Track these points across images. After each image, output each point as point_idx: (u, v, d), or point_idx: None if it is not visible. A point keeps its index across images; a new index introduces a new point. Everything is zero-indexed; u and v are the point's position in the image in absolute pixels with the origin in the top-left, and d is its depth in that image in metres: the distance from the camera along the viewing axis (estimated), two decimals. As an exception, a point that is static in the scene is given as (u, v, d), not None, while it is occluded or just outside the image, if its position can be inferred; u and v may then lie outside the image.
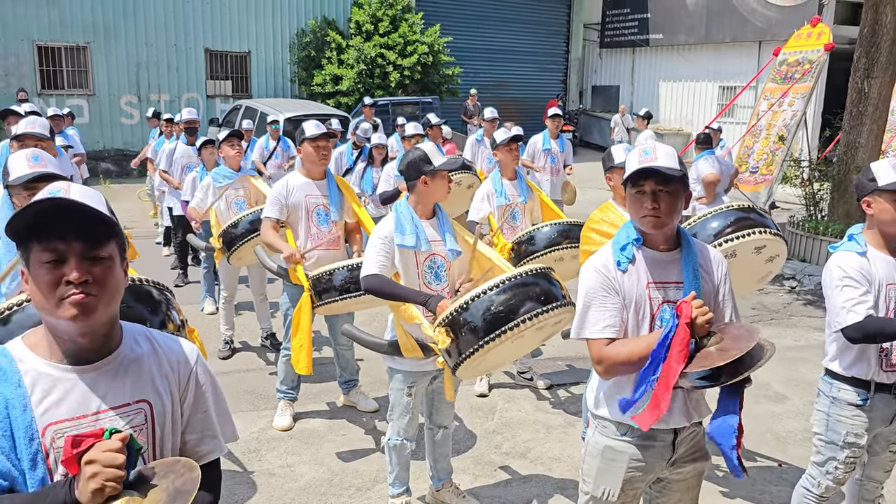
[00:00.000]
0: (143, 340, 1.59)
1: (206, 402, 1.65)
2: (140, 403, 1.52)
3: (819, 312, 7.33)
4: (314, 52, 17.80)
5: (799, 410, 5.01)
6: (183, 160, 7.95)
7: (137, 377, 1.53)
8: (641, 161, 2.23)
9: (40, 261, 1.41)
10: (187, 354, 1.64)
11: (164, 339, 1.64)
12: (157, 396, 1.55)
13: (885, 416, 2.89)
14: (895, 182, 2.71)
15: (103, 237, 1.45)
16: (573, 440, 4.51)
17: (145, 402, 1.53)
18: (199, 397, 1.64)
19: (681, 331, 2.04)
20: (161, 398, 1.56)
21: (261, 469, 4.15)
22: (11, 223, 1.40)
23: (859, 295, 2.72)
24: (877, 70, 8.30)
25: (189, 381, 1.62)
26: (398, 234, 3.24)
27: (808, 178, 9.51)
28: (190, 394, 1.62)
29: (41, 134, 3.60)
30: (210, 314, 6.84)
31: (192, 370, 1.63)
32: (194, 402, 1.63)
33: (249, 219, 5.12)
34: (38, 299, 1.44)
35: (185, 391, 1.61)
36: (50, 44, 15.70)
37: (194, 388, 1.63)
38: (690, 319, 2.06)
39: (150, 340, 1.60)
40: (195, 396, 1.63)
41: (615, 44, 22.89)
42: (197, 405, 1.64)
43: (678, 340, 2.03)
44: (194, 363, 1.64)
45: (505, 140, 4.96)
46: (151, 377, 1.55)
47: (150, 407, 1.53)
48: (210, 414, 1.66)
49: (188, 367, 1.62)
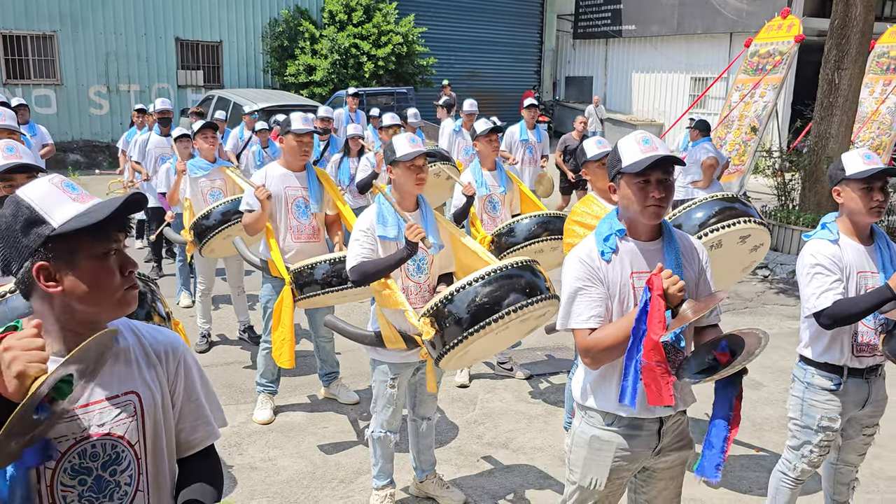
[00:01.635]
0: (128, 333, 1.57)
1: (196, 390, 1.65)
2: (129, 395, 1.51)
3: (792, 301, 7.46)
4: (287, 42, 17.62)
5: (774, 397, 5.10)
6: (157, 151, 7.82)
7: (125, 369, 1.52)
8: (644, 150, 2.24)
9: (94, 254, 1.42)
10: (173, 344, 1.63)
11: (149, 330, 1.63)
12: (146, 387, 1.54)
13: (857, 400, 2.96)
14: (861, 172, 2.77)
15: None
16: (554, 430, 4.55)
17: (133, 394, 1.52)
18: (189, 386, 1.64)
19: (655, 302, 2.06)
20: (150, 389, 1.55)
21: (242, 463, 4.12)
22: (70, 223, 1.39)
23: (830, 282, 2.78)
24: (847, 62, 8.44)
25: (178, 370, 1.61)
26: (380, 225, 3.23)
27: (780, 169, 9.66)
28: (180, 383, 1.62)
29: (13, 126, 3.56)
30: (186, 307, 6.77)
31: (180, 360, 1.62)
32: (184, 391, 1.63)
33: (221, 209, 5.07)
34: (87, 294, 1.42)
35: (175, 381, 1.61)
36: (15, 32, 15.34)
37: (183, 378, 1.63)
38: (663, 291, 2.08)
39: (134, 333, 1.59)
40: (185, 385, 1.63)
41: (588, 35, 22.99)
42: (188, 394, 1.63)
43: (654, 312, 2.05)
44: (181, 353, 1.63)
45: (485, 130, 4.97)
46: (139, 368, 1.54)
47: (138, 398, 1.52)
48: (201, 401, 1.66)
49: (176, 356, 1.62)
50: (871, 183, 2.77)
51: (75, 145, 15.98)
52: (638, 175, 2.22)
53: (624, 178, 2.27)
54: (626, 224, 2.35)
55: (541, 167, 8.51)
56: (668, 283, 2.09)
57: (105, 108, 16.44)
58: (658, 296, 2.07)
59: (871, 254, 2.88)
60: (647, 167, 2.20)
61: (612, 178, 2.34)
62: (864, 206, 2.80)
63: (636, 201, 2.25)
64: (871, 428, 3.10)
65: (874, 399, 3.00)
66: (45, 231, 1.38)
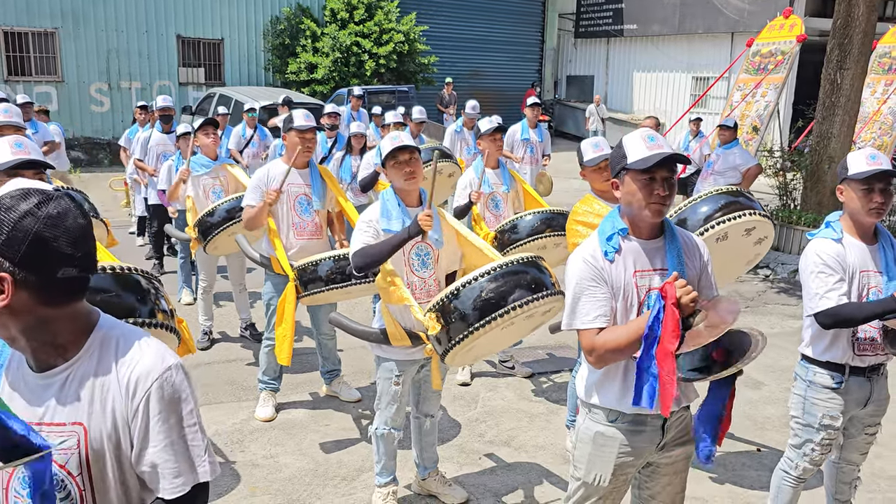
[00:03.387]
0: (106, 352, 1.44)
1: (159, 435, 1.42)
2: (75, 426, 1.41)
3: (793, 300, 7.47)
4: (288, 40, 17.62)
5: (775, 396, 5.11)
6: (158, 148, 7.82)
7: (77, 396, 1.41)
8: (650, 147, 2.24)
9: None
10: (144, 375, 1.42)
11: (131, 351, 1.44)
12: (95, 421, 1.41)
13: (859, 398, 2.96)
14: (862, 172, 2.78)
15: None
16: (556, 428, 4.56)
17: (80, 426, 1.41)
18: (151, 428, 1.42)
19: (669, 312, 2.06)
20: (99, 424, 1.41)
21: (244, 460, 4.13)
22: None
23: (833, 282, 2.79)
24: (849, 62, 8.44)
25: (139, 407, 1.41)
26: (384, 219, 3.23)
27: (781, 168, 9.66)
28: (139, 422, 1.42)
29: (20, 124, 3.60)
30: (187, 305, 6.77)
31: (145, 397, 1.41)
32: (144, 433, 1.42)
33: (226, 207, 5.08)
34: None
35: (135, 418, 1.42)
36: (17, 29, 15.34)
37: (143, 416, 1.42)
38: (676, 300, 2.08)
39: (113, 352, 1.44)
40: (144, 426, 1.42)
41: (590, 34, 22.98)
42: (146, 437, 1.42)
43: (668, 321, 2.05)
44: (147, 388, 1.41)
45: (489, 129, 4.97)
46: (92, 399, 1.41)
47: (84, 431, 1.41)
48: (162, 450, 1.42)
49: (142, 390, 1.41)
50: (872, 184, 2.77)
51: (76, 142, 15.97)
52: (644, 172, 2.22)
53: (629, 175, 2.27)
54: (629, 222, 2.35)
55: (542, 166, 8.51)
56: (681, 293, 2.09)
57: (106, 106, 16.43)
58: (672, 305, 2.07)
59: (874, 253, 2.89)
60: (654, 165, 2.20)
61: (617, 174, 2.33)
62: (864, 207, 2.80)
63: (641, 198, 2.25)
64: (873, 427, 3.10)
65: (876, 398, 3.00)
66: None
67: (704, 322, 2.11)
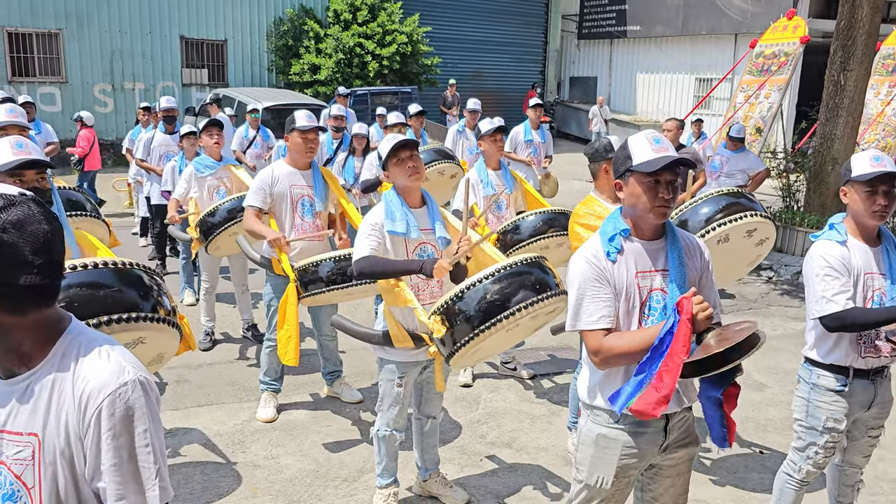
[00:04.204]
0: (67, 361, 1.38)
1: (107, 453, 1.35)
2: (30, 437, 1.37)
3: (796, 302, 7.44)
4: (292, 41, 17.64)
5: (778, 399, 5.09)
6: (161, 149, 7.84)
7: (36, 407, 1.37)
8: (656, 150, 2.24)
9: None
10: (97, 392, 1.34)
11: (90, 363, 1.38)
12: (49, 433, 1.36)
13: (863, 401, 2.95)
14: (865, 174, 2.76)
15: None
16: (557, 429, 4.55)
17: (34, 437, 1.37)
18: (102, 445, 1.34)
19: (683, 326, 2.07)
20: (52, 437, 1.36)
21: (245, 461, 4.13)
22: None
23: (840, 285, 2.78)
24: (853, 63, 8.42)
25: (91, 422, 1.34)
26: (388, 220, 3.23)
27: (785, 170, 9.64)
28: (91, 437, 1.34)
29: (24, 123, 3.62)
30: (190, 305, 6.77)
31: (95, 413, 1.34)
32: (95, 450, 1.35)
33: (227, 207, 5.08)
34: None
35: (87, 433, 1.35)
36: (21, 30, 15.36)
37: (94, 432, 1.34)
38: (692, 315, 2.08)
39: (73, 362, 1.38)
40: (95, 444, 1.34)
41: (593, 35, 22.97)
42: (97, 454, 1.35)
43: (681, 335, 2.07)
44: (98, 405, 1.34)
45: (490, 130, 4.97)
46: (48, 410, 1.36)
47: (39, 443, 1.36)
48: (109, 469, 1.35)
49: (94, 404, 1.34)
50: (875, 186, 2.75)
51: (80, 143, 16.00)
52: (649, 175, 2.23)
53: (634, 177, 2.27)
54: (631, 223, 2.35)
55: (543, 167, 8.49)
56: (697, 309, 2.10)
57: (110, 107, 16.46)
58: (687, 320, 2.08)
59: (878, 255, 2.88)
60: (660, 168, 2.20)
61: (621, 175, 2.32)
62: (867, 209, 2.79)
63: (645, 200, 2.25)
64: (876, 430, 3.09)
65: (880, 401, 2.99)
66: None
67: (716, 338, 2.11)
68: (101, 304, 2.38)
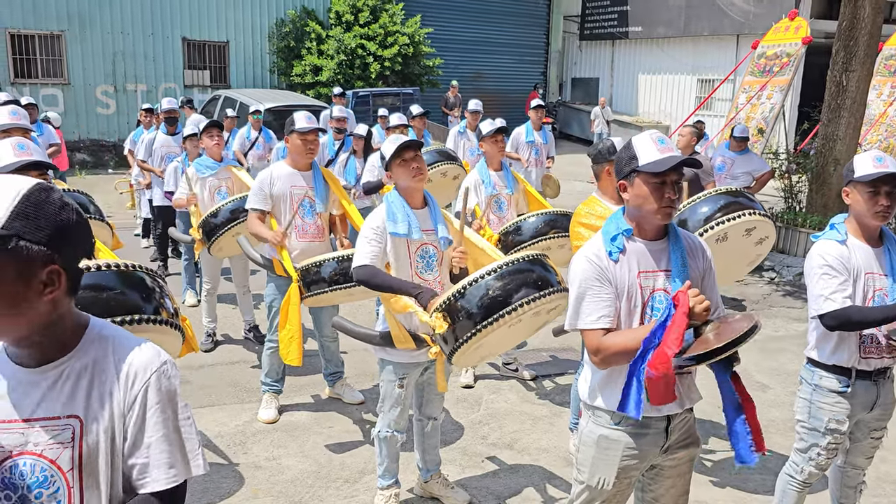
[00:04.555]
0: (101, 345, 1.44)
1: (155, 423, 1.43)
2: (70, 419, 1.39)
3: (798, 303, 7.43)
4: (294, 43, 17.66)
5: (780, 400, 5.08)
6: (163, 150, 7.85)
7: (75, 390, 1.40)
8: (661, 150, 2.24)
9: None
10: (141, 369, 1.43)
11: (127, 344, 1.46)
12: (91, 413, 1.40)
13: (865, 402, 2.94)
14: (867, 175, 2.76)
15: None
16: (559, 431, 4.54)
17: (76, 418, 1.39)
18: (147, 420, 1.43)
19: (678, 319, 2.06)
20: (96, 416, 1.40)
21: (246, 462, 4.12)
22: None
23: (838, 284, 2.77)
24: (855, 63, 8.41)
25: (136, 400, 1.42)
26: (390, 222, 3.23)
27: (787, 171, 9.63)
28: (135, 414, 1.42)
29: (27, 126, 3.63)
30: (192, 307, 6.77)
31: (142, 389, 1.42)
32: (140, 424, 1.42)
33: (230, 207, 5.08)
34: None
35: (131, 411, 1.42)
36: (23, 31, 15.40)
37: (140, 409, 1.42)
38: (688, 309, 2.07)
39: (109, 347, 1.44)
40: (140, 418, 1.42)
41: (595, 36, 22.98)
42: (142, 429, 1.43)
43: (674, 328, 2.05)
44: (145, 381, 1.42)
45: (491, 131, 4.97)
46: (90, 391, 1.40)
47: (80, 423, 1.39)
48: (160, 438, 1.43)
49: (139, 384, 1.42)
50: (878, 186, 2.75)
51: (82, 144, 16.04)
52: (656, 175, 2.22)
53: (640, 177, 2.26)
54: (634, 223, 2.34)
55: (546, 168, 8.49)
56: (694, 302, 2.09)
57: (112, 108, 16.49)
58: (683, 313, 2.07)
59: (879, 256, 2.87)
60: (667, 168, 2.20)
61: (626, 175, 2.31)
62: (869, 210, 2.78)
63: (652, 200, 2.25)
64: (879, 431, 3.08)
65: (882, 402, 2.98)
66: None
67: (714, 332, 2.11)
68: (104, 307, 2.38)
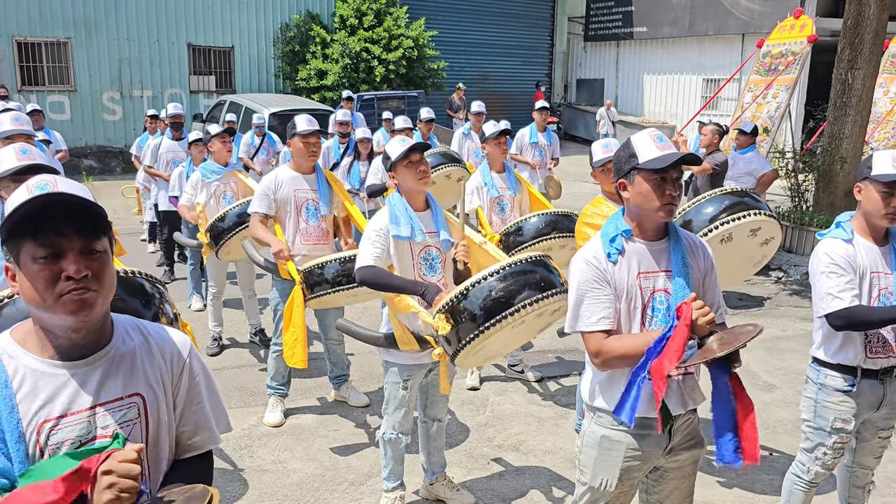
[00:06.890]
0: (135, 332, 1.56)
1: (200, 393, 1.63)
2: (133, 397, 1.50)
3: (805, 302, 7.39)
4: (298, 47, 17.70)
5: (787, 399, 5.05)
6: (168, 155, 7.88)
7: (130, 371, 1.51)
8: (661, 148, 2.23)
9: (34, 256, 1.38)
10: (180, 346, 1.61)
11: (157, 330, 1.61)
12: (150, 389, 1.53)
13: (872, 401, 2.92)
14: (886, 175, 2.72)
15: (99, 231, 1.43)
16: (565, 432, 4.53)
17: (138, 396, 1.51)
18: (193, 389, 1.62)
19: (680, 331, 2.04)
20: (154, 391, 1.53)
21: (252, 465, 4.13)
22: (6, 221, 1.37)
23: (844, 282, 2.75)
24: (860, 61, 8.37)
25: (182, 372, 1.60)
26: (393, 224, 3.23)
27: (793, 170, 9.59)
28: (183, 386, 1.60)
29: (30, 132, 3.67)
30: (197, 311, 6.80)
31: (186, 362, 1.61)
32: (188, 394, 1.61)
33: (237, 211, 5.09)
34: (31, 295, 1.40)
35: (179, 383, 1.59)
36: (29, 39, 15.49)
37: (188, 380, 1.61)
38: (691, 321, 2.06)
39: (141, 332, 1.58)
40: (188, 388, 1.61)
41: (599, 37, 22.94)
42: (190, 397, 1.62)
43: (676, 339, 2.04)
44: (188, 355, 1.62)
45: (494, 133, 4.96)
46: (143, 370, 1.53)
47: (143, 401, 1.51)
48: (204, 405, 1.64)
49: (181, 358, 1.60)
50: (894, 188, 2.72)
51: (89, 151, 16.10)
52: (657, 172, 2.21)
53: (640, 175, 2.24)
54: (633, 224, 2.33)
55: (548, 169, 8.48)
56: (697, 314, 2.08)
57: (118, 114, 16.56)
58: (685, 325, 2.06)
59: (885, 254, 2.85)
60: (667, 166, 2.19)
61: (626, 174, 2.30)
62: (881, 209, 2.75)
63: (654, 198, 2.23)
64: (886, 430, 3.06)
65: (889, 401, 2.95)
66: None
67: (718, 341, 2.10)
68: None
